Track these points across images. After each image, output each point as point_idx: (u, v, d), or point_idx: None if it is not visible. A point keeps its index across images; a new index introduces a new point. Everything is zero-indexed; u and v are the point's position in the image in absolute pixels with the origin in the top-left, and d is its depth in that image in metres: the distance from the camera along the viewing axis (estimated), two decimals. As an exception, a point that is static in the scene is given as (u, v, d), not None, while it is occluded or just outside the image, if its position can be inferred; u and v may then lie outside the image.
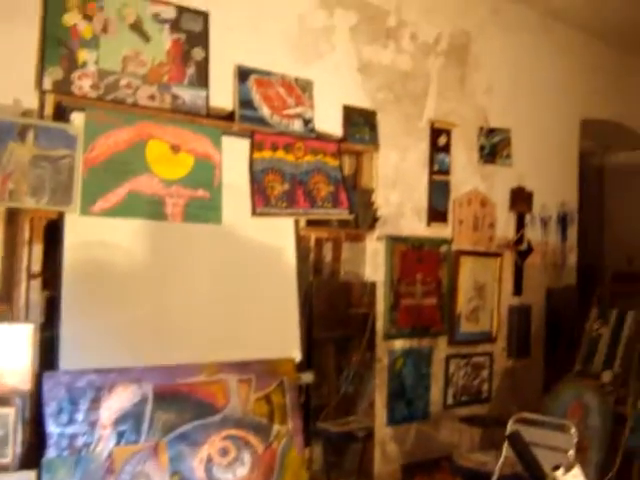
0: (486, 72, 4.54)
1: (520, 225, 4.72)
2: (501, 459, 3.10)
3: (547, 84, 4.99)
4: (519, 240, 4.70)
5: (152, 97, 3.04)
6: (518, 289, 4.72)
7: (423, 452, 4.14)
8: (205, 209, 3.08)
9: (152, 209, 2.93)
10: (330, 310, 3.63)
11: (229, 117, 3.28)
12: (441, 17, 4.28)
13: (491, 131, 4.50)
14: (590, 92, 5.37)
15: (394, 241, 3.94)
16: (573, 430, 3.31)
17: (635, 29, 5.21)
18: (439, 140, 4.18)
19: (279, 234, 3.32)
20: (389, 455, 3.96)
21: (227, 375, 2.98)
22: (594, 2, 4.70)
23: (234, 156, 3.21)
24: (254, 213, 3.23)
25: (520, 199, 4.69)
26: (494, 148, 4.50)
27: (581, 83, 5.28)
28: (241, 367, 3.03)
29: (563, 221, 5.11)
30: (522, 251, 4.70)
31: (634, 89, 5.86)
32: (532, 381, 4.86)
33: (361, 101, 3.82)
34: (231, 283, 3.15)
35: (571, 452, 3.19)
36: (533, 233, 4.84)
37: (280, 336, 3.27)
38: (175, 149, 3.04)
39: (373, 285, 3.81)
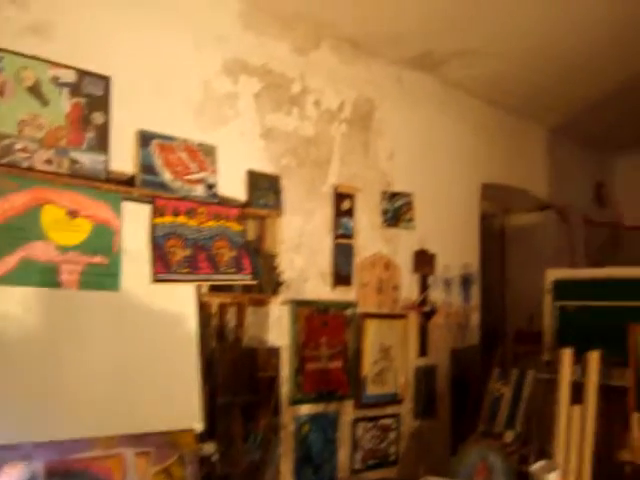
0: (389, 138, 4.66)
1: (424, 287, 4.80)
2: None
3: (449, 149, 5.17)
4: (423, 301, 4.77)
5: (49, 161, 2.97)
6: (423, 350, 4.78)
7: (330, 519, 4.08)
8: (103, 276, 3.01)
9: (46, 276, 2.84)
10: (234, 377, 3.57)
11: (130, 182, 3.24)
12: (345, 84, 4.39)
13: (394, 195, 4.60)
14: (490, 157, 5.59)
15: (299, 305, 3.94)
16: (475, 493, 3.33)
17: (531, 98, 5.49)
18: (343, 204, 4.24)
19: (180, 300, 3.27)
20: (296, 524, 3.89)
21: (124, 449, 2.88)
22: (491, 73, 4.93)
23: (134, 221, 3.17)
24: (154, 279, 3.17)
25: (423, 261, 4.78)
26: (397, 212, 4.60)
27: (481, 149, 5.49)
28: (138, 440, 2.93)
29: (466, 282, 5.23)
30: (426, 312, 4.78)
31: (530, 155, 6.15)
32: (439, 442, 4.89)
33: (265, 166, 3.85)
34: (129, 352, 3.07)
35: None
36: (437, 294, 4.93)
37: (180, 406, 3.19)
38: (72, 214, 2.98)
39: (277, 350, 3.78)
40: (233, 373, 3.57)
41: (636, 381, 3.16)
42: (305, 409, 3.98)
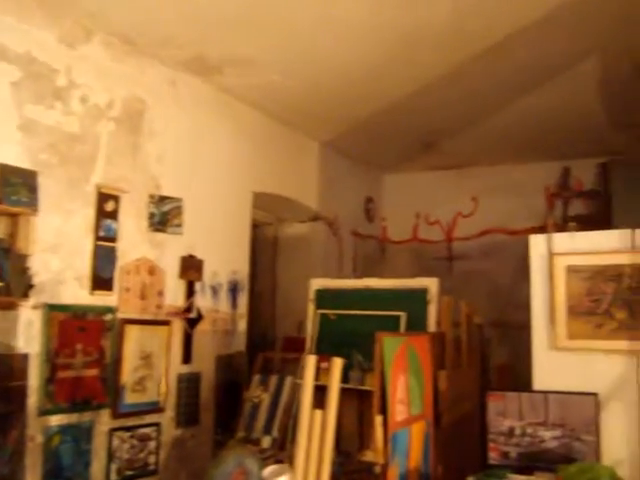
0: (160, 141, 4.57)
1: (190, 293, 4.75)
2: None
3: (222, 157, 5.18)
4: (189, 308, 4.73)
5: None
6: (187, 357, 4.72)
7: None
8: None
9: None
10: (-26, 386, 3.30)
11: None
12: (115, 82, 4.24)
13: (162, 199, 4.51)
14: (263, 167, 5.68)
15: (52, 309, 3.72)
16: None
17: (305, 111, 5.66)
18: (106, 206, 4.07)
19: None
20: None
21: None
22: (266, 84, 5.01)
23: None
24: None
25: (190, 267, 4.73)
26: (165, 216, 4.51)
27: (254, 158, 5.56)
28: None
29: (234, 288, 5.25)
30: (191, 319, 4.73)
31: (303, 166, 6.35)
32: (202, 449, 4.86)
33: (20, 161, 3.60)
34: None
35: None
36: (203, 301, 4.90)
37: None
38: None
39: (25, 357, 3.55)
40: (-27, 383, 3.30)
41: (381, 385, 3.34)
42: (56, 419, 3.77)
